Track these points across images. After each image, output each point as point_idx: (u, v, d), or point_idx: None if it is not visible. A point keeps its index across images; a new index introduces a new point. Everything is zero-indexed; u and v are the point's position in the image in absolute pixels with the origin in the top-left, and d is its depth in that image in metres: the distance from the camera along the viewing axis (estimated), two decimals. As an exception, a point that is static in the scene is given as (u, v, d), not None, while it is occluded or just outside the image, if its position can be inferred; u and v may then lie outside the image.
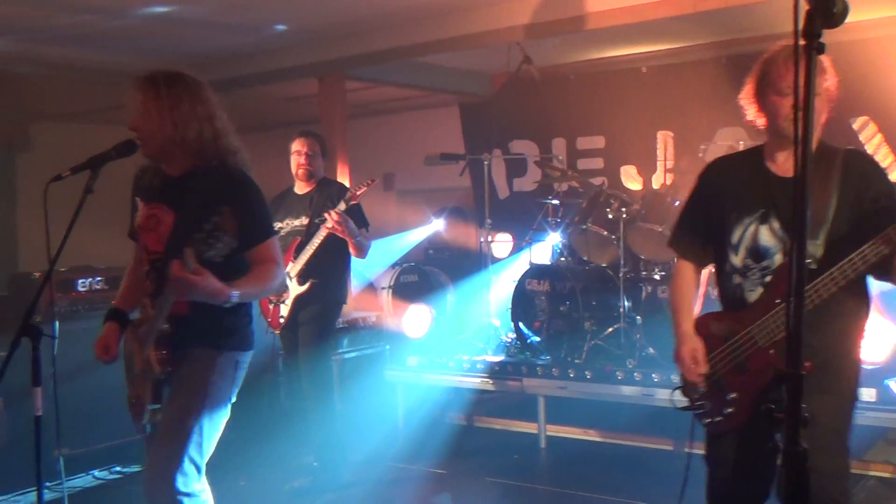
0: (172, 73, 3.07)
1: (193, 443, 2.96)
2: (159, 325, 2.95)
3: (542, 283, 6.37)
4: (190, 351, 3.03)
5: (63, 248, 2.94)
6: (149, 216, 3.11)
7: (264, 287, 3.06)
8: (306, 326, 5.03)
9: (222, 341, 3.07)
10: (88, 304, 6.30)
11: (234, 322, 3.10)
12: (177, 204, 3.04)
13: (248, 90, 8.17)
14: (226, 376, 3.06)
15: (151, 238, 3.10)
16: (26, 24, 6.37)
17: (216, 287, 2.79)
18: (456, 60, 8.05)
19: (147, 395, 3.03)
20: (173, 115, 2.98)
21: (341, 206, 4.92)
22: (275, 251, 3.09)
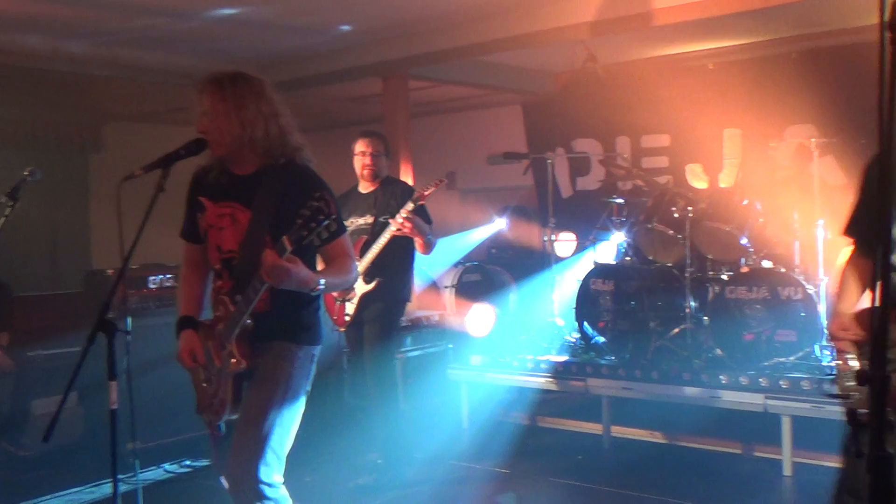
0: (236, 73, 3.12)
1: (275, 434, 3.01)
2: (244, 320, 3.00)
3: (607, 282, 6.31)
4: (268, 344, 3.08)
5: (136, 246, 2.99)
6: (220, 215, 3.15)
7: (345, 279, 3.15)
8: (371, 324, 5.06)
9: (301, 335, 3.13)
10: (159, 301, 6.42)
11: (309, 317, 3.18)
12: (250, 202, 3.08)
13: (312, 90, 8.24)
14: (304, 369, 3.13)
15: (225, 236, 3.14)
16: (100, 28, 6.52)
17: (308, 275, 2.89)
18: (519, 59, 8.00)
19: (228, 393, 3.07)
20: (240, 115, 3.03)
21: (409, 206, 4.92)
22: (349, 246, 3.19)
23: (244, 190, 3.11)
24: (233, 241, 3.11)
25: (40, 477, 5.74)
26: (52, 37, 6.72)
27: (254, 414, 3.03)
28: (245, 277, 2.97)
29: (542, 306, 7.03)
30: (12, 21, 6.25)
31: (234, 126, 3.02)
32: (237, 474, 2.99)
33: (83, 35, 6.73)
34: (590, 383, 5.99)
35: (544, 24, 6.42)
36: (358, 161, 5.19)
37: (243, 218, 3.09)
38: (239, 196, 3.12)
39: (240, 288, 3.01)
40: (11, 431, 6.41)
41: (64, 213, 9.72)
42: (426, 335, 7.12)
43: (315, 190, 2.92)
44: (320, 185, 3.07)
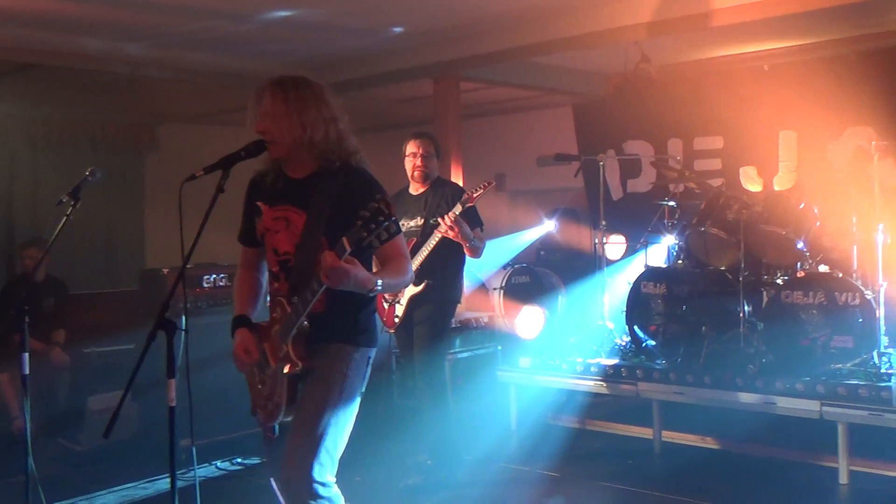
0: (298, 77, 3.17)
1: (329, 434, 3.03)
2: (301, 321, 3.03)
3: (659, 285, 6.24)
4: (325, 346, 3.10)
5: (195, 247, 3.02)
6: (276, 218, 3.18)
7: (401, 279, 3.17)
8: (421, 326, 5.06)
9: (358, 337, 3.15)
10: (212, 300, 6.51)
11: (365, 319, 3.20)
12: (306, 204, 3.11)
13: (363, 91, 8.29)
14: (359, 371, 3.15)
15: (281, 239, 3.17)
16: (158, 30, 6.64)
17: (366, 275, 2.91)
18: (570, 60, 7.96)
19: (283, 395, 3.09)
20: (302, 118, 3.06)
21: (457, 208, 4.92)
22: (404, 247, 3.21)
23: (299, 193, 3.14)
24: (288, 244, 3.14)
25: (96, 472, 5.84)
26: (112, 39, 6.85)
27: (309, 414, 3.06)
28: (301, 279, 3.00)
29: (592, 309, 6.97)
30: (74, 24, 6.39)
31: (295, 128, 3.06)
32: (291, 473, 3.02)
33: (141, 38, 6.85)
34: (640, 387, 5.94)
35: (598, 25, 6.38)
36: (409, 162, 5.20)
37: (298, 220, 3.12)
38: (294, 199, 3.15)
39: (296, 289, 3.04)
40: (68, 427, 6.54)
41: (119, 212, 9.90)
42: (475, 337, 7.12)
43: (374, 192, 2.96)
44: (378, 188, 3.09)
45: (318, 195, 3.08)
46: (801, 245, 5.71)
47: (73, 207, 3.92)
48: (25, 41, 6.53)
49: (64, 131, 9.51)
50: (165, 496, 3.05)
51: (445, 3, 6.21)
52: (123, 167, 9.97)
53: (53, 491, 4.42)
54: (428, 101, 8.25)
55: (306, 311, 2.99)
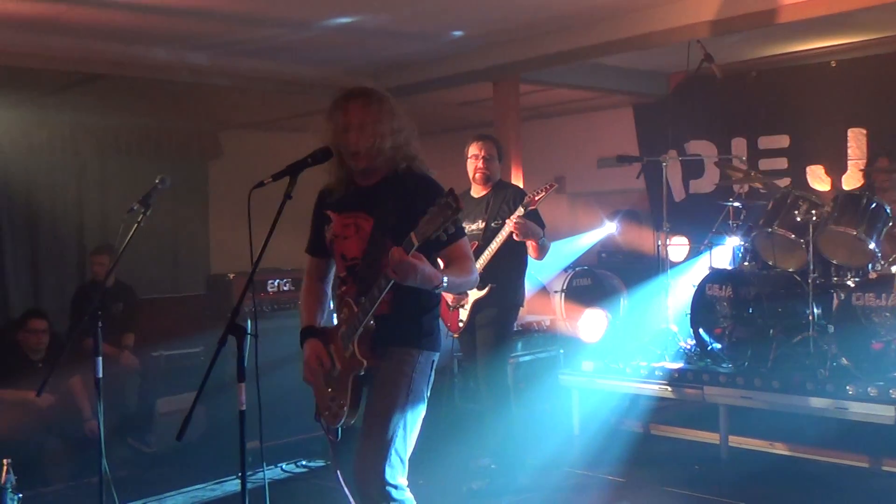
0: (378, 89, 3.26)
1: (399, 437, 3.07)
2: (367, 320, 3.07)
3: (724, 288, 6.15)
4: (391, 349, 3.14)
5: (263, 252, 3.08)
6: (345, 225, 3.25)
7: (465, 279, 3.19)
8: (484, 330, 5.07)
9: (422, 341, 3.18)
10: (276, 305, 6.61)
11: (429, 323, 3.23)
12: (374, 210, 3.17)
13: (423, 95, 8.32)
14: (424, 374, 3.19)
15: (349, 245, 3.24)
16: (220, 39, 6.76)
17: (432, 271, 2.94)
18: (631, 61, 7.90)
19: (347, 396, 3.13)
20: (382, 127, 3.14)
21: (520, 210, 4.92)
22: (468, 249, 3.25)
23: (368, 200, 3.22)
24: (356, 249, 3.21)
25: (165, 473, 5.97)
26: (176, 49, 7.00)
27: (378, 417, 3.10)
28: (369, 280, 3.06)
29: (655, 312, 6.91)
30: (140, 35, 6.54)
31: (377, 138, 3.14)
32: (364, 477, 3.06)
33: (205, 47, 6.99)
34: (706, 391, 5.85)
35: (660, 24, 6.32)
36: (470, 164, 5.21)
37: (367, 226, 3.19)
38: (363, 206, 3.22)
39: (364, 290, 3.09)
40: (138, 429, 6.70)
41: (184, 218, 10.07)
42: (537, 340, 7.11)
43: (439, 192, 3.01)
44: (440, 189, 3.12)
45: (384, 201, 3.14)
46: (872, 245, 5.58)
47: (144, 215, 4.02)
48: (94, 52, 6.70)
49: (131, 139, 9.72)
50: (234, 498, 3.12)
51: (504, 6, 6.21)
52: (188, 174, 10.14)
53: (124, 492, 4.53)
54: (488, 104, 8.25)
55: (373, 308, 3.04)
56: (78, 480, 5.66)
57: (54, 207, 9.24)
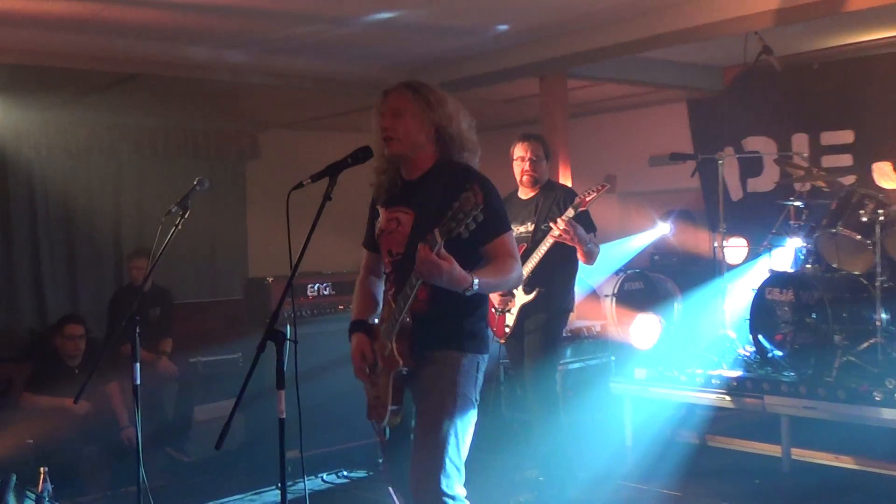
0: (421, 81, 3.32)
1: (451, 444, 3.07)
2: (402, 317, 3.07)
3: (785, 292, 6.04)
4: (432, 353, 3.12)
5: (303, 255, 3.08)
6: (389, 220, 3.30)
7: (503, 278, 3.14)
8: (532, 336, 5.04)
9: (465, 343, 3.16)
10: (316, 310, 6.63)
11: (473, 324, 3.22)
12: (415, 204, 3.20)
13: (466, 92, 8.30)
14: (470, 378, 3.17)
15: (393, 240, 3.28)
16: (259, 37, 6.81)
17: (460, 273, 2.91)
18: (685, 54, 7.80)
19: (388, 394, 3.14)
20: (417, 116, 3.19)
21: (570, 212, 4.88)
22: (512, 245, 3.21)
23: (411, 194, 3.26)
24: (400, 244, 3.24)
25: (203, 483, 6.04)
26: (214, 48, 7.06)
27: (427, 426, 3.10)
28: (407, 276, 3.05)
29: (712, 317, 6.83)
30: (177, 34, 6.61)
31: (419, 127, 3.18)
32: (419, 489, 3.07)
33: (243, 45, 7.05)
34: (767, 401, 5.75)
35: (716, 15, 6.21)
36: (517, 166, 5.18)
37: (408, 220, 3.22)
38: (406, 200, 3.26)
39: (401, 288, 3.11)
40: (175, 438, 6.77)
41: (222, 220, 10.17)
42: (587, 346, 7.06)
43: (477, 179, 3.03)
44: (475, 178, 3.11)
45: (425, 194, 3.17)
46: (945, 247, 5.44)
47: (182, 217, 4.06)
48: (131, 52, 6.80)
49: (168, 140, 9.85)
50: (274, 508, 3.12)
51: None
52: (225, 174, 10.26)
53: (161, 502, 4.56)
54: (534, 101, 8.21)
55: (406, 306, 3.05)
56: (115, 490, 5.73)
57: (91, 209, 9.40)
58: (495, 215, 3.14)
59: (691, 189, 8.69)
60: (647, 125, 9.81)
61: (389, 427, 3.24)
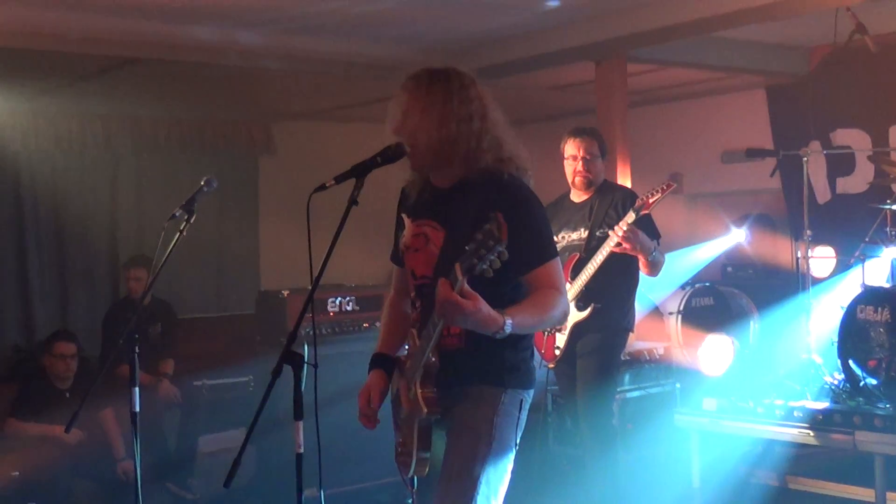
0: (441, 69, 3.19)
1: (481, 494, 3.03)
2: (427, 358, 3.04)
3: (881, 310, 6.00)
4: (468, 389, 3.11)
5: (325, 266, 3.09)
6: (416, 235, 3.24)
7: (543, 317, 3.06)
8: (586, 359, 5.04)
9: (506, 377, 3.13)
10: (338, 328, 6.67)
11: (515, 356, 3.17)
12: (446, 220, 3.14)
13: (511, 78, 8.34)
14: (510, 417, 3.13)
15: (419, 260, 3.22)
16: (274, 15, 6.88)
17: (488, 314, 2.82)
18: (763, 33, 7.75)
19: (413, 440, 3.13)
20: (440, 116, 3.08)
21: (630, 216, 4.87)
22: (557, 276, 3.11)
23: (442, 205, 3.18)
24: (426, 266, 3.18)
25: (208, 523, 6.09)
26: (224, 27, 7.14)
27: (454, 471, 3.06)
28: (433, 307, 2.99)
29: (794, 339, 6.78)
30: (181, 12, 6.70)
31: (430, 129, 3.08)
32: None
33: (256, 24, 7.12)
34: (858, 437, 5.70)
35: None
36: (569, 166, 5.19)
37: (437, 238, 3.15)
38: (436, 213, 3.19)
39: (427, 320, 3.05)
40: (177, 471, 6.83)
41: (232, 224, 10.26)
42: (648, 372, 7.06)
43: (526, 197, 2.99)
44: (517, 204, 3.04)
45: (458, 209, 3.10)
46: None
47: (187, 222, 4.09)
48: (129, 33, 6.88)
49: (171, 132, 9.95)
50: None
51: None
52: (236, 172, 10.31)
53: (163, 545, 4.61)
54: (589, 88, 8.21)
55: (430, 346, 2.99)
56: (110, 531, 5.80)
57: (85, 211, 9.54)
58: (537, 239, 3.08)
59: (771, 190, 8.65)
60: (720, 116, 9.77)
61: (417, 477, 3.23)
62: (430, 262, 3.16)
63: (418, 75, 3.19)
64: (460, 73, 3.19)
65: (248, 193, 10.54)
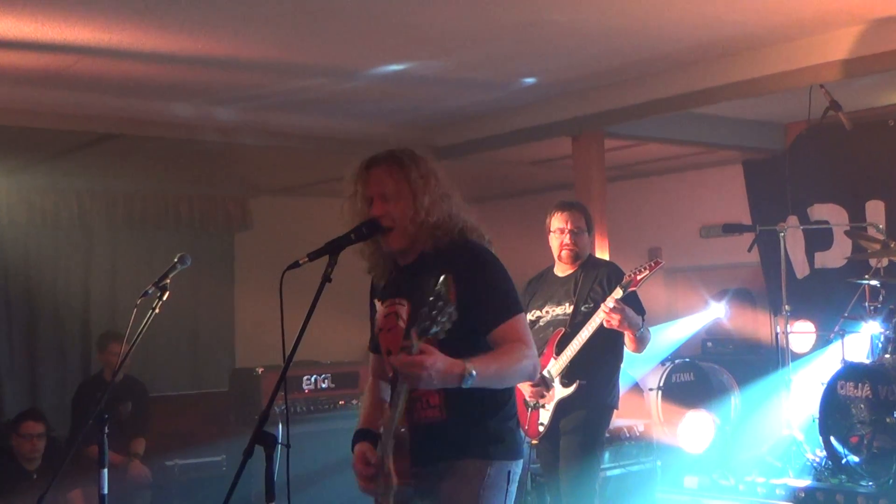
0: (410, 151, 3.26)
1: None
2: (396, 428, 3.02)
3: (861, 386, 6.02)
4: (453, 463, 3.09)
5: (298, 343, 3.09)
6: (387, 315, 3.26)
7: (508, 366, 3.05)
8: (570, 436, 5.00)
9: (490, 448, 3.11)
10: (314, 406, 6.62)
11: (500, 426, 3.15)
12: (410, 293, 3.16)
13: (486, 153, 8.40)
14: (498, 490, 3.10)
15: (391, 338, 3.22)
16: (251, 93, 6.95)
17: (447, 362, 2.85)
18: (740, 109, 7.88)
19: None
20: (423, 199, 3.14)
21: (618, 292, 4.87)
22: (522, 331, 3.14)
23: (406, 281, 3.22)
24: (398, 343, 3.15)
25: None
26: (201, 104, 7.22)
27: None
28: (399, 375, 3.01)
29: (775, 415, 6.78)
30: (159, 89, 6.77)
31: (417, 211, 3.13)
32: None
33: (233, 101, 7.19)
34: (842, 516, 5.68)
35: (777, 66, 6.28)
36: (555, 239, 5.20)
37: (405, 313, 3.17)
38: (401, 290, 3.22)
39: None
40: (148, 560, 6.71)
41: (207, 300, 10.20)
42: (628, 450, 6.99)
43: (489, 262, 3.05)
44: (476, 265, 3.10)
45: (421, 281, 3.10)
46: None
47: (160, 300, 4.09)
48: (107, 109, 6.93)
49: (146, 208, 9.94)
50: None
51: (586, 48, 6.26)
52: (211, 248, 10.31)
53: None
54: (566, 163, 8.28)
55: (396, 417, 2.98)
56: None
57: (57, 288, 9.49)
58: (503, 296, 3.12)
59: (749, 264, 8.68)
60: (698, 190, 9.85)
61: None
62: (400, 339, 3.16)
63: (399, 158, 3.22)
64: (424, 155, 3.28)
65: (224, 269, 10.52)
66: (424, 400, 3.08)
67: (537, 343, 5.07)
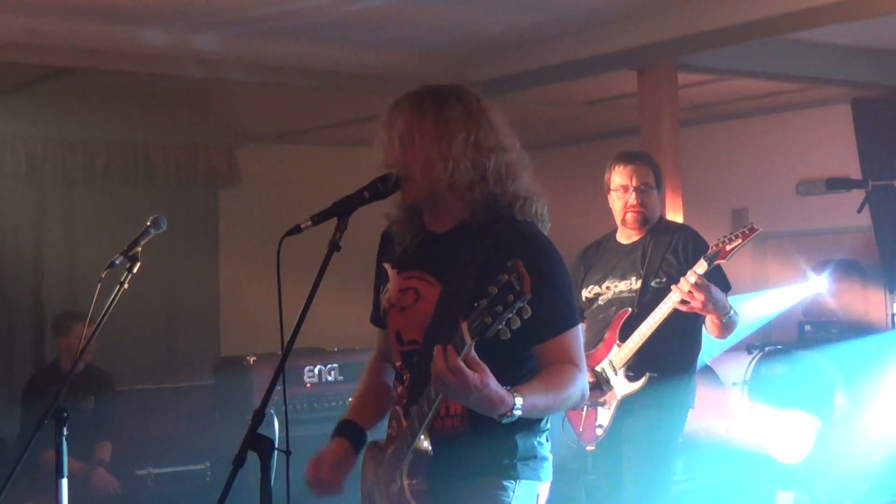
0: (448, 87, 3.18)
1: None
2: (418, 441, 3.02)
3: None
4: (472, 483, 3.10)
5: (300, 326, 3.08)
6: (403, 290, 3.22)
7: (558, 397, 3.03)
8: (636, 442, 5.00)
9: (519, 467, 3.11)
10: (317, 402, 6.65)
11: (528, 442, 3.14)
12: (443, 271, 3.13)
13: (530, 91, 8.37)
14: None
15: (406, 321, 3.20)
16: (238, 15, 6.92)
17: (496, 392, 2.79)
18: (848, 35, 7.79)
19: None
20: (445, 149, 3.07)
21: (700, 265, 4.81)
22: (576, 348, 3.10)
23: (437, 254, 3.17)
24: (415, 328, 3.16)
25: None
26: (179, 31, 7.19)
27: None
28: (425, 381, 2.96)
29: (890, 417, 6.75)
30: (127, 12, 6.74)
31: (435, 162, 3.07)
32: None
33: (217, 25, 7.16)
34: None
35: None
36: (618, 199, 5.15)
37: (431, 294, 3.13)
38: (430, 263, 3.17)
39: (417, 396, 3.03)
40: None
41: (186, 271, 10.23)
42: (706, 458, 7.00)
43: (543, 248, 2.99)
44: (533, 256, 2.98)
45: (458, 259, 3.09)
46: None
47: (130, 272, 4.09)
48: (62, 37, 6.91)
49: (111, 159, 9.93)
50: None
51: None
52: (191, 208, 10.31)
53: None
54: (630, 103, 8.24)
55: (423, 427, 2.98)
56: None
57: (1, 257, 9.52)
58: (558, 302, 3.06)
59: (859, 229, 8.68)
60: (794, 137, 9.81)
61: None
62: (420, 324, 3.14)
63: (419, 95, 3.16)
64: (471, 93, 3.18)
65: (207, 234, 10.54)
66: (444, 407, 3.05)
67: (597, 326, 5.11)
